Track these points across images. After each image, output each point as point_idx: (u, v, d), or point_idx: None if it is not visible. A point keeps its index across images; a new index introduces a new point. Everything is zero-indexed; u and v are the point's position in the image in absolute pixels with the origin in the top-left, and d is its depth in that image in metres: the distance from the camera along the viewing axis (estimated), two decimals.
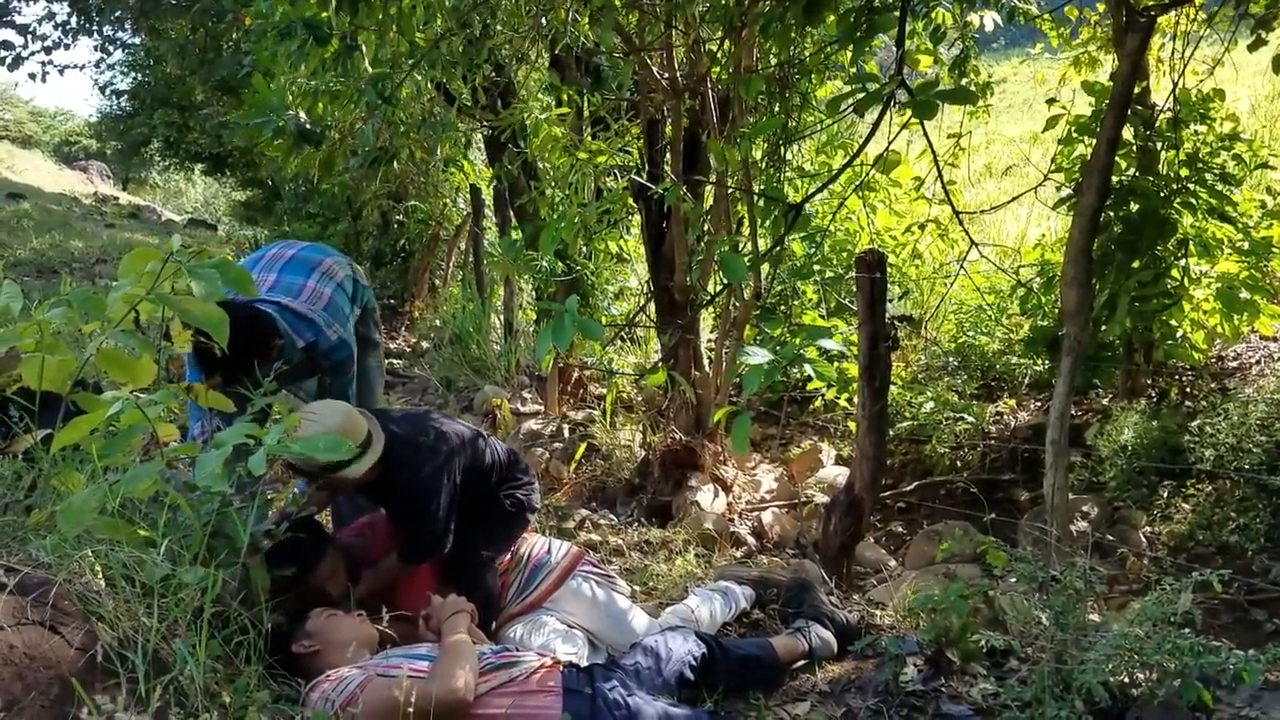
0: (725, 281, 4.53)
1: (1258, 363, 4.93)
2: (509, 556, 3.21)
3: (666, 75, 4.58)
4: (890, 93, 2.73)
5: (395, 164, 6.94)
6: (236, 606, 2.24)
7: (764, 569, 3.96)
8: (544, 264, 6.11)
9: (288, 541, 2.58)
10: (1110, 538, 3.94)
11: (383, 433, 2.88)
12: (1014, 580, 2.91)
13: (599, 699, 2.35)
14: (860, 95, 2.76)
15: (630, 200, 5.32)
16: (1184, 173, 4.40)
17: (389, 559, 3.03)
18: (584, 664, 2.74)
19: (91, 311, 2.16)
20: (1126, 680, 2.46)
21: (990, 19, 4.99)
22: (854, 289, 4.00)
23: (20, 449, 2.47)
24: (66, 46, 12.62)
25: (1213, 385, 4.73)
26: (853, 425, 4.38)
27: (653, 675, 2.64)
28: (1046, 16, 5.48)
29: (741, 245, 4.71)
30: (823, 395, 5.51)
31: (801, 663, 3.01)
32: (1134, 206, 4.43)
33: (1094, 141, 3.82)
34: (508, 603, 3.15)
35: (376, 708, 2.09)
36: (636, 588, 3.70)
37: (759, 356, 2.70)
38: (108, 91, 20.84)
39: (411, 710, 1.98)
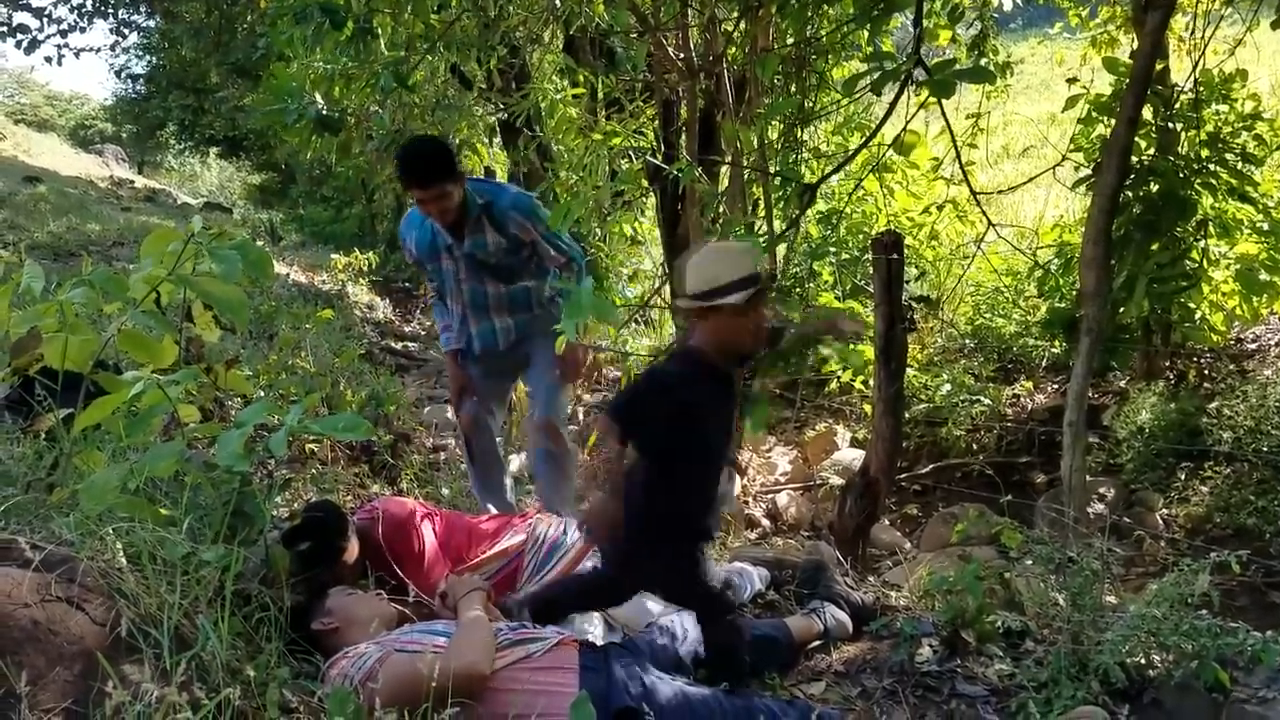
0: None
1: (1277, 344, 4.90)
2: (525, 537, 3.22)
3: (682, 55, 4.55)
4: (908, 72, 2.71)
5: None
6: (257, 585, 2.27)
7: (779, 551, 3.96)
8: None
9: (312, 522, 2.61)
10: (1127, 520, 3.93)
11: None
12: (1030, 562, 2.90)
13: (615, 677, 2.36)
14: (877, 74, 2.73)
15: (645, 182, 5.31)
16: (1204, 153, 4.36)
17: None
18: (600, 643, 2.75)
19: (113, 292, 2.18)
20: (1143, 661, 2.46)
21: None
22: (870, 270, 3.99)
23: (43, 428, 2.50)
24: (82, 30, 12.68)
25: (1231, 367, 4.70)
26: (868, 407, 4.37)
27: (669, 654, 2.65)
28: None
29: (757, 226, 4.69)
30: (838, 377, 5.50)
31: (817, 643, 3.01)
32: (1153, 187, 4.39)
33: (1113, 121, 3.78)
34: (524, 583, 3.15)
35: (396, 682, 2.10)
36: None
37: None
38: (123, 75, 20.99)
39: (432, 685, 2.00)
